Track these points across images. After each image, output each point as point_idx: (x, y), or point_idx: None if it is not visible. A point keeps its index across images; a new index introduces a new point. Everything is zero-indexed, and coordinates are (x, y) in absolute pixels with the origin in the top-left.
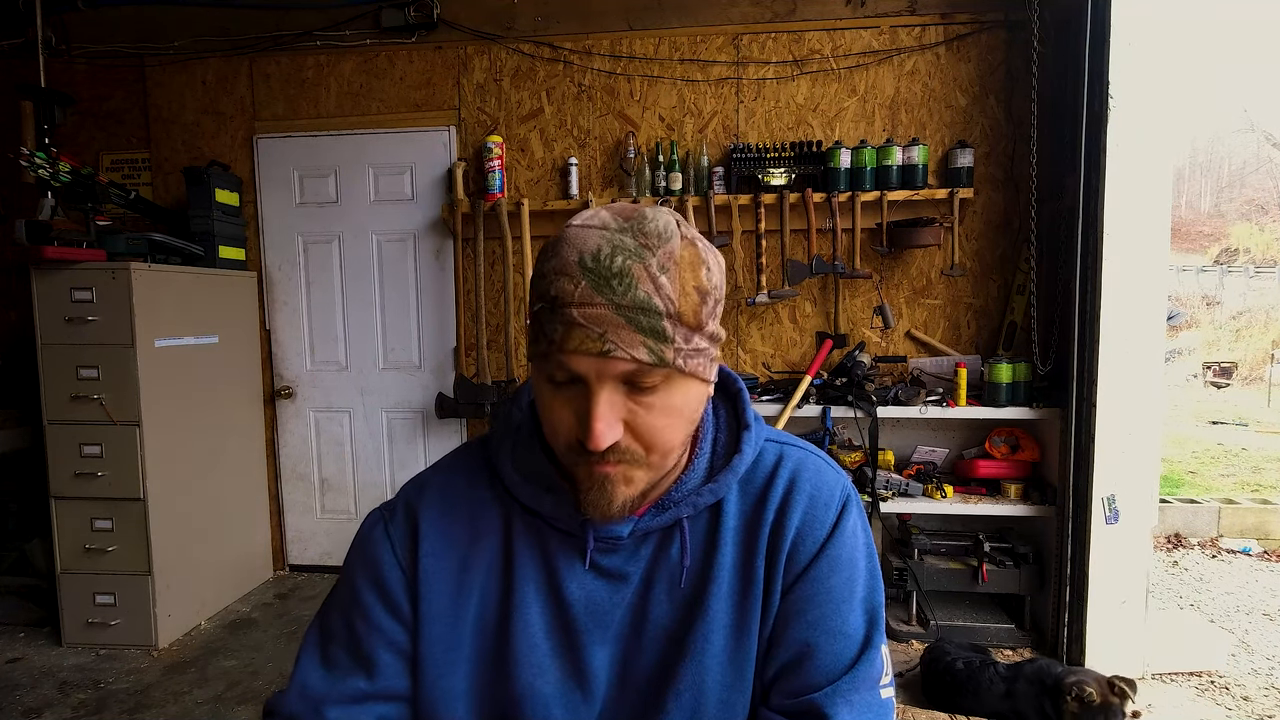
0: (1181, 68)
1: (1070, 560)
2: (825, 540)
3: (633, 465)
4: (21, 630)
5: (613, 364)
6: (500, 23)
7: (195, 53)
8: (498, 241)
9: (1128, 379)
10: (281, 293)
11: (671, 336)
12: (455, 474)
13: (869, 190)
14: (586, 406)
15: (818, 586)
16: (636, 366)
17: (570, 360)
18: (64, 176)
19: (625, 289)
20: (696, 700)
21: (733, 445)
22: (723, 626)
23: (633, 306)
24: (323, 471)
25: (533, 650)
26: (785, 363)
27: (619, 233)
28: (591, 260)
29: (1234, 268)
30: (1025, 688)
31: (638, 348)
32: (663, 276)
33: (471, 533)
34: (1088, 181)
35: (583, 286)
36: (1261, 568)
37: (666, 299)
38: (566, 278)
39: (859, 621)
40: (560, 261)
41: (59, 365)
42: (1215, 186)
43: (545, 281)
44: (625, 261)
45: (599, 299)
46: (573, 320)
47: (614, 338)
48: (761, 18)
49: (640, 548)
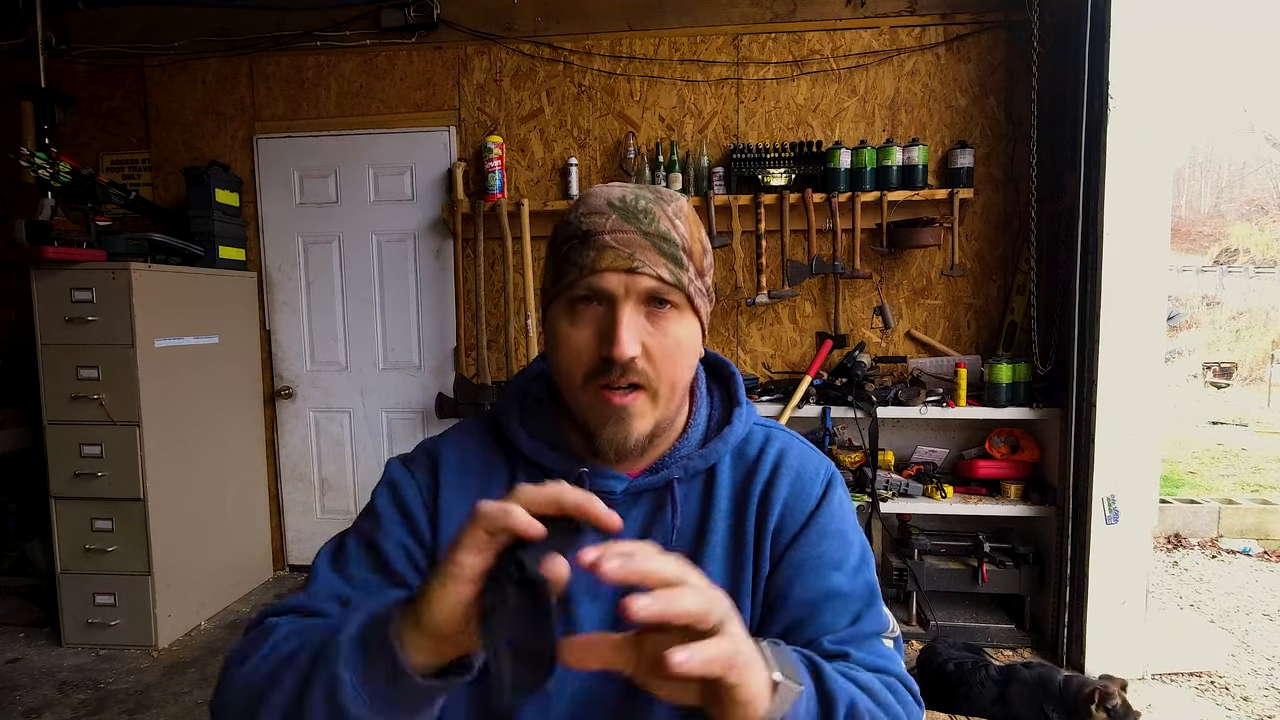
0: (1181, 68)
1: (1070, 560)
2: (813, 511)
3: (645, 396)
4: (21, 630)
5: (639, 279)
6: (500, 23)
7: (195, 53)
8: (498, 242)
9: (1128, 379)
10: (281, 293)
11: (686, 266)
12: (467, 434)
13: (869, 190)
14: (612, 320)
15: (809, 552)
16: (658, 283)
17: (601, 279)
18: (64, 177)
19: (650, 221)
20: None
21: (724, 420)
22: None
23: (656, 234)
24: (323, 472)
25: None
26: (785, 363)
27: (639, 188)
28: (619, 201)
29: (1234, 268)
30: (1021, 691)
31: (661, 267)
32: (677, 220)
33: (484, 480)
34: (1088, 181)
35: (613, 218)
36: (1261, 568)
37: (681, 236)
38: (598, 214)
39: (856, 584)
40: (590, 205)
41: (59, 365)
42: (1215, 187)
43: (576, 222)
44: (648, 205)
45: (629, 226)
46: (605, 244)
47: (641, 256)
48: (761, 18)
49: (633, 507)
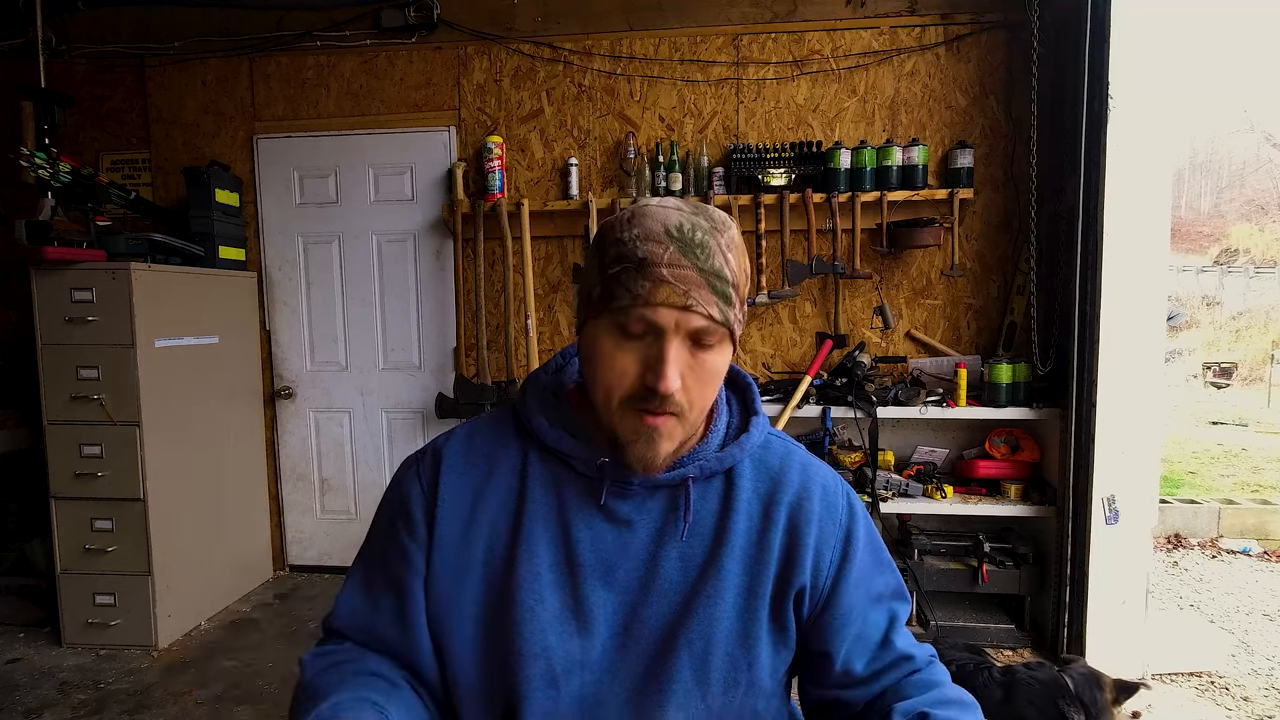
0: (1181, 68)
1: (1070, 561)
2: (848, 524)
3: (677, 419)
4: (21, 630)
5: (691, 317)
6: (500, 23)
7: (195, 53)
8: (498, 242)
9: (1128, 379)
10: (281, 293)
11: (734, 302)
12: (484, 421)
13: (869, 191)
14: (660, 353)
15: (856, 567)
16: (708, 323)
17: (654, 313)
18: (64, 177)
19: (706, 257)
20: (705, 650)
21: (742, 428)
22: (734, 586)
23: (711, 272)
24: (323, 472)
25: (535, 579)
26: (785, 363)
27: (694, 214)
28: (677, 231)
29: (1234, 268)
30: (1030, 690)
31: (712, 306)
32: (729, 253)
33: (488, 468)
34: (1088, 181)
35: (671, 251)
36: (1261, 568)
37: (733, 272)
38: (655, 243)
39: (894, 579)
40: (646, 230)
41: (59, 365)
42: (1215, 187)
43: (631, 246)
44: (704, 237)
45: (686, 262)
46: (662, 278)
47: (696, 295)
48: (761, 18)
49: (648, 500)
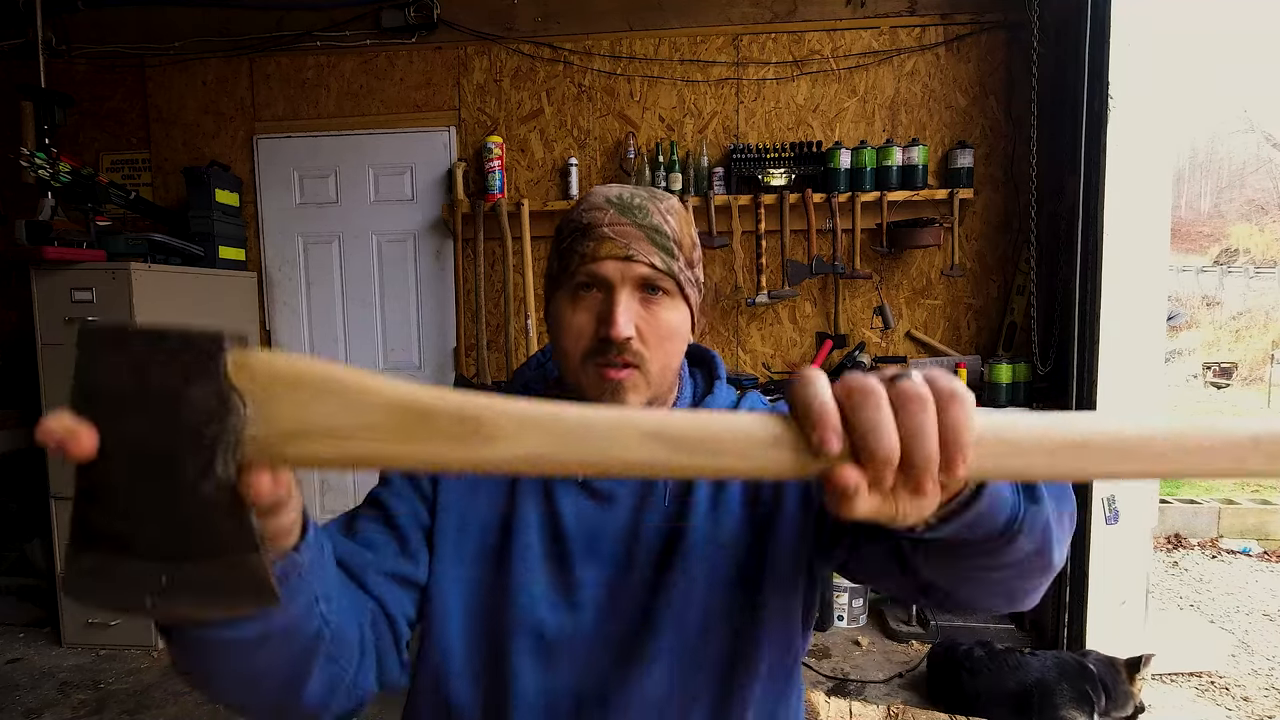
0: (1181, 68)
1: (1070, 561)
2: None
3: (639, 374)
4: (21, 630)
5: (634, 266)
6: (500, 23)
7: (195, 53)
8: (498, 242)
9: (1128, 379)
10: (281, 293)
11: (677, 256)
12: None
13: (869, 191)
14: (609, 303)
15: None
16: (652, 271)
17: (600, 266)
18: (64, 177)
19: (644, 215)
20: (684, 613)
21: (707, 391)
22: (705, 542)
23: (650, 227)
24: (322, 472)
25: (527, 550)
26: (785, 363)
27: (635, 188)
28: (616, 199)
29: (1234, 268)
30: (1049, 676)
31: (654, 256)
32: (669, 216)
33: None
34: (1088, 181)
35: (611, 213)
36: (1261, 568)
37: (673, 229)
38: (597, 209)
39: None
40: (590, 202)
41: (59, 365)
42: (1215, 187)
43: (577, 217)
44: (642, 201)
45: (624, 219)
46: (604, 235)
47: (636, 246)
48: (761, 18)
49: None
